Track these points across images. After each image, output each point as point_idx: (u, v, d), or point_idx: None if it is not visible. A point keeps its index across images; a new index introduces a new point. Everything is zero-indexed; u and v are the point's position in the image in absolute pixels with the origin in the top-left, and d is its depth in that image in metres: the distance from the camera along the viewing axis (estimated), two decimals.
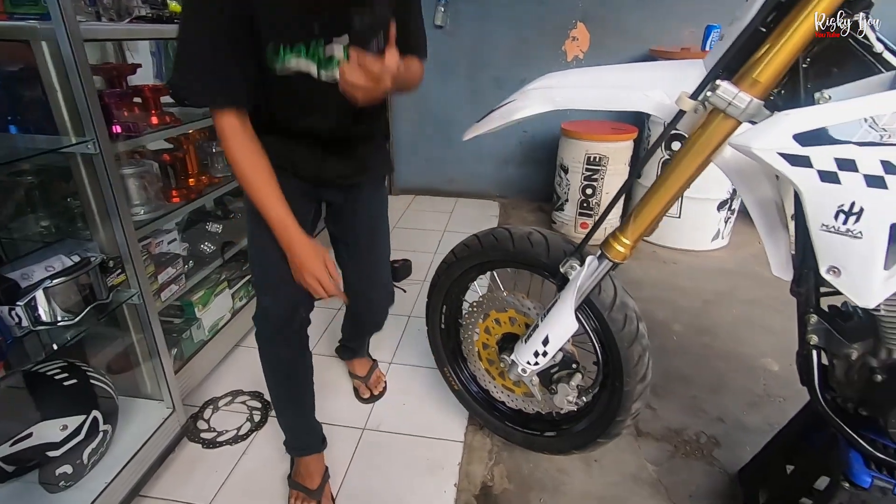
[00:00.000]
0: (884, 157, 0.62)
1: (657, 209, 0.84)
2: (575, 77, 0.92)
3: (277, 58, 0.85)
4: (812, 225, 0.68)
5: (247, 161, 0.89)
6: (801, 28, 0.66)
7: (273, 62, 0.85)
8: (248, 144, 0.90)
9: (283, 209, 0.91)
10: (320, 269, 0.94)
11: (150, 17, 1.44)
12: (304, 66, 0.86)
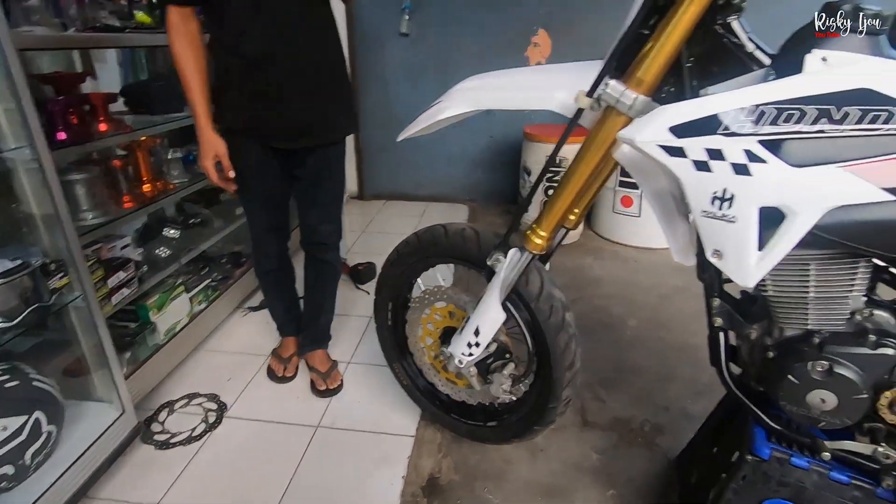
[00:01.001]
0: (745, 146, 0.67)
1: (566, 202, 0.89)
2: (495, 79, 0.97)
3: None
4: (695, 211, 0.74)
5: (184, 55, 1.14)
6: (675, 31, 0.72)
7: None
8: (186, 41, 1.13)
9: (202, 105, 1.17)
10: (210, 163, 1.23)
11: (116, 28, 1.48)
12: None
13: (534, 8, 2.83)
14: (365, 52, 3.05)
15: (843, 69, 0.66)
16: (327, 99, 1.28)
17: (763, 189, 0.68)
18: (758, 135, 0.66)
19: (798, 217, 0.67)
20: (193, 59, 1.15)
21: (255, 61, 1.16)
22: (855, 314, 0.79)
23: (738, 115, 0.67)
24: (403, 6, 2.88)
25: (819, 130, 0.65)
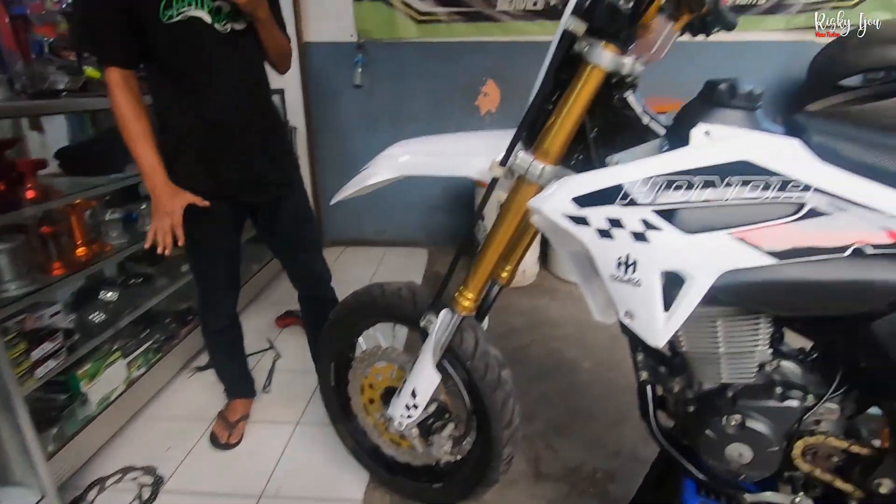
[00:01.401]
0: (642, 215, 0.71)
1: (489, 266, 0.91)
2: (419, 146, 1.01)
3: (172, 10, 1.09)
4: (603, 275, 0.76)
5: (124, 111, 1.13)
6: (574, 107, 0.77)
7: (168, 12, 1.09)
8: (128, 99, 1.13)
9: (154, 158, 1.16)
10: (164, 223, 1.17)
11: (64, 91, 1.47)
12: (196, 13, 1.12)
13: (482, 60, 2.96)
14: (320, 104, 3.10)
15: (724, 142, 0.71)
16: (283, 150, 1.42)
17: (661, 255, 0.71)
18: (652, 205, 0.70)
19: (695, 281, 0.70)
20: (142, 116, 1.16)
21: (217, 122, 1.21)
22: (763, 366, 0.82)
23: (633, 186, 0.71)
24: (356, 60, 2.97)
25: (706, 200, 0.69)
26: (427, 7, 2.86)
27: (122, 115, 1.13)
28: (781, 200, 0.67)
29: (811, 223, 0.67)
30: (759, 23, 2.83)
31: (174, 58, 1.15)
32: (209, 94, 1.19)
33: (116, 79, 1.12)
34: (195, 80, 1.18)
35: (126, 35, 1.09)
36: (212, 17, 1.14)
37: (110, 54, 1.12)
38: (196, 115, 1.20)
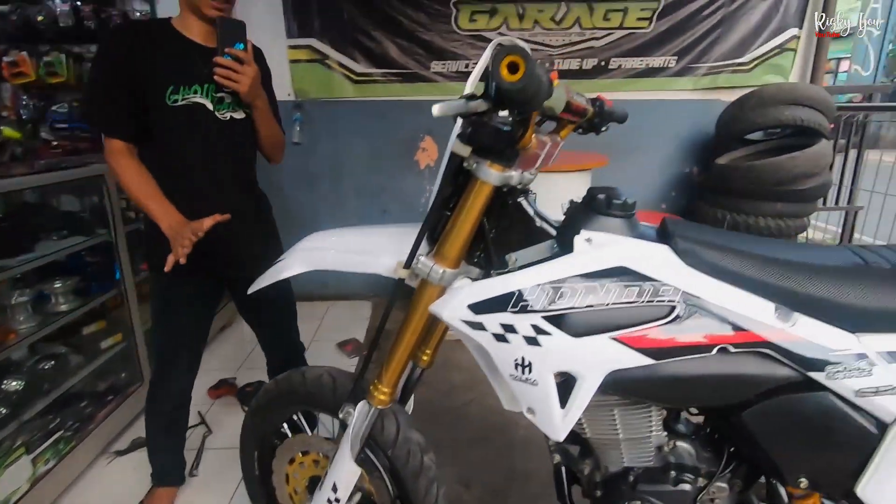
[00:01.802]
0: (532, 321, 0.75)
1: (402, 361, 0.92)
2: (333, 240, 1.02)
3: (178, 95, 1.19)
4: (504, 375, 0.80)
5: (129, 175, 1.21)
6: (470, 214, 0.81)
7: (174, 97, 1.19)
8: (131, 163, 1.22)
9: (164, 205, 1.21)
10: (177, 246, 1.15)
11: None
12: (200, 100, 1.22)
13: (419, 117, 3.05)
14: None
15: (603, 249, 0.77)
16: (267, 230, 1.52)
17: (553, 357, 0.75)
18: (542, 311, 0.75)
19: (585, 380, 0.75)
20: (145, 174, 1.23)
21: (204, 202, 1.26)
22: (661, 448, 0.87)
23: (523, 293, 0.75)
24: (294, 118, 2.99)
25: (589, 305, 0.74)
26: (363, 69, 2.95)
27: (128, 178, 1.21)
28: (655, 304, 0.73)
29: (681, 325, 0.73)
30: (670, 83, 3.10)
31: (172, 139, 1.23)
32: (199, 176, 1.27)
33: (120, 147, 1.21)
34: (188, 162, 1.25)
35: (133, 112, 1.19)
36: (213, 105, 1.24)
37: (117, 128, 1.20)
38: (184, 195, 1.25)
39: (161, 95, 1.18)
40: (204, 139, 1.25)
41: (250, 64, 1.21)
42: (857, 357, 0.68)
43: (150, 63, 1.17)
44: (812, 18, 3.05)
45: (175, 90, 1.19)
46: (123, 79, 1.16)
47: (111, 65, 1.18)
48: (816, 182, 2.62)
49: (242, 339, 2.80)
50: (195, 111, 1.22)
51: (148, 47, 1.18)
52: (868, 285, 0.70)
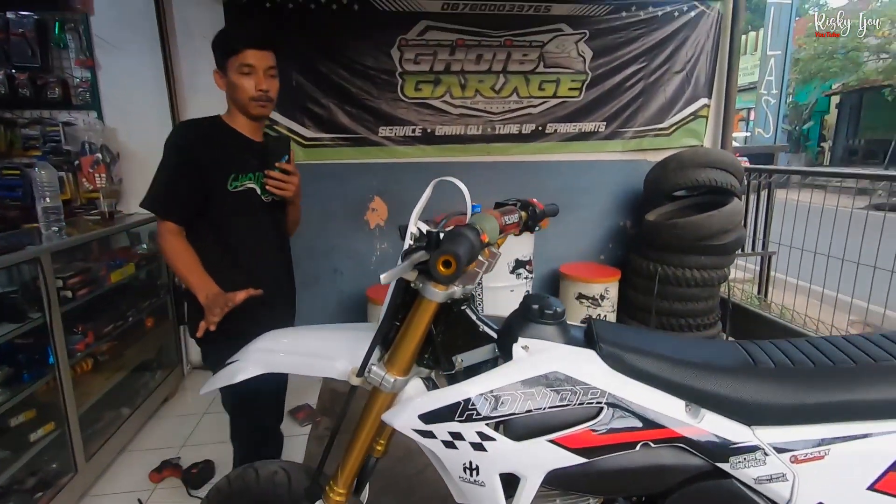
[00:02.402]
0: (477, 428, 0.82)
1: (356, 464, 0.96)
2: (287, 341, 1.06)
3: (238, 182, 1.38)
4: (454, 478, 0.85)
5: (176, 252, 1.35)
6: (417, 328, 0.88)
7: (235, 183, 1.37)
8: (179, 243, 1.36)
9: (204, 277, 1.34)
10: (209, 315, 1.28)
11: None
12: (252, 185, 1.41)
13: (368, 179, 3.15)
14: None
15: (538, 356, 0.86)
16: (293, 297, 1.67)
17: (498, 460, 0.82)
18: (485, 418, 0.82)
19: (528, 480, 0.82)
20: (189, 251, 1.36)
21: (249, 271, 1.42)
22: None
23: (468, 403, 0.82)
24: None
25: (528, 410, 0.82)
26: (312, 133, 3.03)
27: (175, 255, 1.35)
28: (585, 405, 0.82)
29: (608, 425, 0.82)
30: (602, 146, 3.38)
31: (228, 218, 1.40)
32: (247, 249, 1.44)
33: (172, 228, 1.36)
34: (240, 237, 1.42)
35: (192, 200, 1.35)
36: (260, 189, 1.42)
37: (172, 213, 1.35)
38: (232, 265, 1.41)
39: (223, 182, 1.36)
40: (253, 218, 1.44)
41: (295, 173, 1.44)
42: (752, 448, 0.79)
43: (213, 155, 1.36)
44: (720, 90, 3.45)
45: (235, 178, 1.38)
46: (186, 169, 1.34)
47: (176, 158, 1.35)
48: (732, 237, 2.90)
49: (186, 411, 2.68)
50: (248, 195, 1.41)
51: (209, 141, 1.37)
52: (758, 383, 0.82)
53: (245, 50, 1.33)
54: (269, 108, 1.43)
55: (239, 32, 1.40)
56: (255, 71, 1.35)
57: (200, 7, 2.77)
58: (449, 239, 0.72)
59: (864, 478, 0.76)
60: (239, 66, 1.34)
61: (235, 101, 1.40)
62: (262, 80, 1.36)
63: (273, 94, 1.41)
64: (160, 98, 2.79)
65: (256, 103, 1.37)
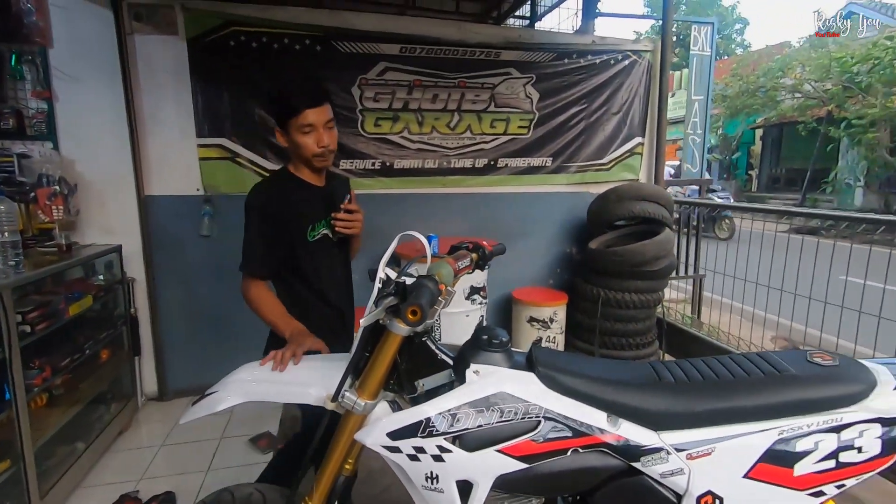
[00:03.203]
0: (437, 443, 0.97)
1: (330, 481, 1.08)
2: (258, 373, 1.18)
3: (315, 231, 1.50)
4: (417, 487, 0.99)
5: (261, 300, 1.47)
6: (384, 358, 1.03)
7: (313, 234, 1.50)
8: (262, 292, 1.48)
9: (286, 319, 1.44)
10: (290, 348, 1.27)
11: None
12: (325, 230, 1.53)
13: None
14: (164, 252, 3.04)
15: (487, 378, 1.02)
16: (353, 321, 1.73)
17: (454, 469, 0.97)
18: (443, 434, 0.97)
19: (479, 485, 0.97)
20: (272, 297, 1.50)
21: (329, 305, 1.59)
22: None
23: (429, 421, 0.97)
24: (203, 212, 3.05)
25: (479, 425, 0.98)
26: (274, 165, 3.12)
27: (261, 303, 1.47)
28: (526, 420, 0.99)
29: (544, 435, 0.99)
30: (549, 179, 3.66)
31: (311, 264, 1.51)
32: (330, 288, 1.58)
33: (257, 282, 1.48)
34: (320, 276, 1.54)
35: (276, 256, 1.47)
36: (330, 231, 1.54)
37: (259, 272, 1.48)
38: (324, 304, 1.57)
39: (304, 234, 1.48)
40: (330, 259, 1.57)
41: (359, 210, 1.54)
42: (658, 449, 0.98)
43: (290, 211, 1.46)
44: (653, 130, 3.83)
45: (312, 228, 1.49)
46: (268, 229, 1.44)
47: (257, 220, 1.45)
48: (664, 263, 3.22)
49: (142, 444, 2.65)
50: (323, 241, 1.53)
51: (285, 197, 1.47)
52: (661, 396, 1.02)
53: (305, 110, 1.38)
54: (330, 159, 1.51)
55: (297, 93, 1.41)
56: (316, 128, 1.41)
57: (164, 43, 2.85)
58: (413, 290, 0.88)
59: (740, 468, 0.96)
60: (300, 127, 1.40)
61: (300, 158, 1.48)
62: (322, 135, 1.42)
63: (333, 145, 1.47)
64: (120, 130, 2.82)
65: (319, 158, 1.46)
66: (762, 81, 11.84)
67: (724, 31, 23.92)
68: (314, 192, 1.53)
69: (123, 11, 2.75)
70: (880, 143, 9.54)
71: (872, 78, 9.18)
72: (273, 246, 1.46)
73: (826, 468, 0.95)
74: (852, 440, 0.95)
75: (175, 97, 2.93)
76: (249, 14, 2.92)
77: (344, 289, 1.68)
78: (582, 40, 3.60)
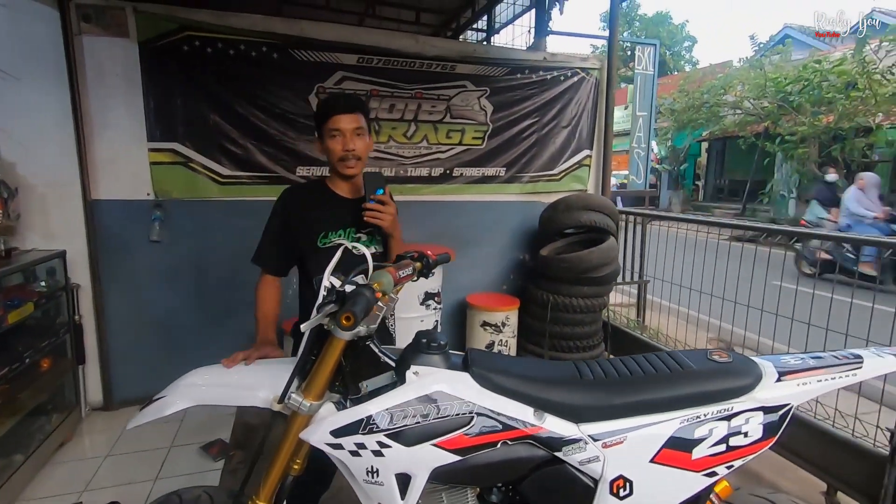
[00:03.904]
0: (377, 439, 1.04)
1: (276, 480, 1.13)
2: (208, 377, 1.22)
3: (328, 239, 1.55)
4: (359, 480, 1.06)
5: (260, 298, 1.57)
6: (328, 361, 1.09)
7: (324, 241, 1.55)
8: (267, 290, 1.58)
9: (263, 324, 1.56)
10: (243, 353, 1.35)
11: None
12: (342, 241, 1.53)
13: None
14: (111, 257, 2.97)
15: (426, 378, 1.11)
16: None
17: (393, 463, 1.05)
18: (383, 430, 1.05)
19: (417, 477, 1.05)
20: (269, 301, 1.57)
21: None
22: None
23: (370, 419, 1.05)
24: (153, 217, 3.00)
25: (417, 421, 1.06)
26: (229, 171, 3.12)
27: (260, 300, 1.57)
28: (460, 416, 1.08)
29: (478, 429, 1.08)
30: (502, 188, 3.81)
31: (316, 269, 1.51)
32: None
33: (267, 278, 1.58)
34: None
35: (285, 256, 1.58)
36: (350, 244, 1.51)
37: (267, 264, 1.59)
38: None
39: (315, 239, 1.54)
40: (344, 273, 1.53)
41: (390, 204, 1.54)
42: (577, 440, 1.10)
43: (305, 217, 1.55)
44: (600, 143, 4.04)
45: (325, 235, 1.55)
46: (280, 230, 1.57)
47: (274, 220, 1.59)
48: (609, 270, 3.41)
49: (86, 455, 2.58)
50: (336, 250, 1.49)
51: (305, 204, 1.58)
52: (581, 391, 1.13)
53: (333, 115, 1.50)
54: (357, 167, 1.56)
55: (331, 102, 1.55)
56: (343, 133, 1.50)
57: (115, 45, 2.80)
58: (350, 298, 0.96)
59: (647, 454, 1.09)
60: (329, 132, 1.51)
61: (330, 164, 1.57)
62: (349, 141, 1.51)
63: (360, 152, 1.53)
64: (66, 133, 2.75)
65: (344, 163, 1.53)
66: (706, 98, 12.56)
67: (673, 48, 25.20)
68: (340, 202, 1.59)
69: (71, 12, 2.69)
70: (810, 158, 10.31)
71: (803, 98, 9.93)
72: (277, 244, 1.57)
73: (718, 451, 1.09)
74: (740, 426, 1.09)
75: (125, 100, 2.88)
76: (205, 20, 2.92)
77: None
78: (534, 56, 3.77)
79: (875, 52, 8.51)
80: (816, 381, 1.12)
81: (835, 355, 1.18)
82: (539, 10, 4.08)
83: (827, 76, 9.39)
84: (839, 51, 10.22)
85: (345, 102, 1.54)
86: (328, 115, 1.51)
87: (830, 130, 9.46)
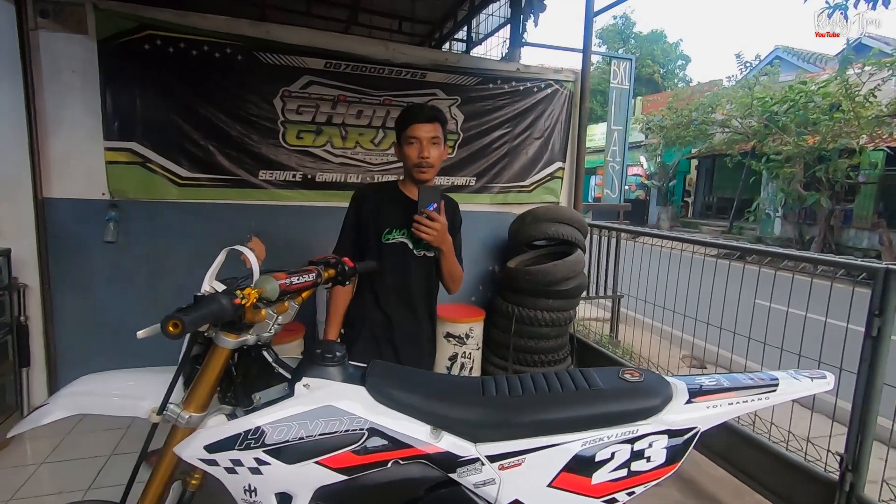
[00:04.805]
0: (255, 455, 0.98)
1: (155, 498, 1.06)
2: (100, 384, 1.15)
3: (391, 235, 1.66)
4: (237, 498, 1.00)
5: (333, 295, 1.71)
6: (212, 370, 1.03)
7: (388, 236, 1.66)
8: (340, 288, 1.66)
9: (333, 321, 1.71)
10: None
11: None
12: (404, 240, 1.67)
13: (246, 219, 3.22)
14: (63, 257, 2.90)
15: (316, 392, 1.05)
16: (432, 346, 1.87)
17: (272, 482, 0.99)
18: (262, 446, 0.98)
19: (299, 497, 0.99)
20: (343, 297, 1.71)
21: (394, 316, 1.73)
22: None
23: (247, 434, 0.98)
24: (108, 217, 2.93)
25: (300, 438, 1.00)
26: (189, 173, 3.06)
27: (333, 296, 1.69)
28: (350, 432, 1.02)
29: (367, 447, 1.02)
30: (472, 198, 3.76)
31: (382, 267, 1.63)
32: (395, 295, 1.72)
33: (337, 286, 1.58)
34: (385, 284, 1.70)
35: (359, 248, 1.71)
36: (413, 244, 1.67)
37: (341, 253, 1.64)
38: (374, 306, 1.72)
39: (378, 235, 1.66)
40: (403, 268, 1.69)
41: (439, 220, 1.58)
42: (474, 460, 1.04)
43: (373, 211, 1.68)
44: (573, 156, 4.02)
45: (389, 231, 1.66)
46: (352, 222, 1.72)
47: (350, 212, 1.73)
48: (575, 283, 3.36)
49: (20, 461, 2.48)
50: (400, 248, 1.67)
51: (374, 200, 1.70)
52: (481, 409, 1.07)
53: (413, 124, 1.60)
54: (430, 173, 1.65)
55: (412, 111, 1.64)
56: (419, 141, 1.60)
57: (72, 43, 2.76)
58: (195, 303, 0.89)
59: (546, 478, 1.03)
60: (407, 139, 1.61)
61: (405, 169, 1.68)
62: (424, 148, 1.60)
63: (433, 160, 1.62)
64: (17, 129, 2.69)
65: (419, 169, 1.62)
66: (695, 115, 12.67)
67: (667, 66, 25.50)
68: (408, 204, 1.67)
69: (27, 6, 2.65)
70: (795, 178, 10.38)
71: (788, 118, 10.02)
72: (351, 234, 1.73)
73: (619, 476, 1.03)
74: (643, 450, 1.04)
75: (82, 98, 2.82)
76: (167, 19, 2.88)
77: (410, 302, 1.75)
78: (507, 67, 3.76)
79: (858, 75, 8.60)
80: (728, 404, 1.07)
81: (751, 377, 1.13)
82: (514, 22, 4.08)
83: (812, 97, 9.49)
84: (826, 73, 10.35)
85: (425, 113, 1.63)
86: (408, 123, 1.61)
87: (815, 151, 9.53)
